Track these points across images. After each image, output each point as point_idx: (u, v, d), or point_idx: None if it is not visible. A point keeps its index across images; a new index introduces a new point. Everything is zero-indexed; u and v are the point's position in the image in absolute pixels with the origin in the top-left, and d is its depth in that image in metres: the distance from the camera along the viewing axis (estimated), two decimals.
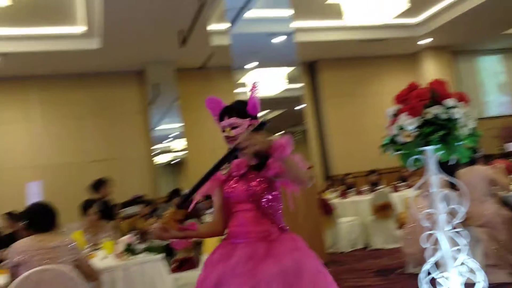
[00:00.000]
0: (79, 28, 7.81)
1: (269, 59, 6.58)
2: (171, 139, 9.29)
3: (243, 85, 6.45)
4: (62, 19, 7.56)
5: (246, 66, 6.46)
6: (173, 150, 9.29)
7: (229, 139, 2.11)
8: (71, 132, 9.15)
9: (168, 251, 4.46)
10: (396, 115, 2.76)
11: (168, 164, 9.29)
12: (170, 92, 9.17)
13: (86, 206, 4.34)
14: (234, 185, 2.10)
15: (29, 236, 2.87)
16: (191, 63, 9.12)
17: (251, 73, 6.50)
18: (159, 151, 9.25)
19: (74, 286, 2.52)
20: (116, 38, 7.66)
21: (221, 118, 2.16)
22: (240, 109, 2.15)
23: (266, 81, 6.71)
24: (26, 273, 2.57)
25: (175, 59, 8.88)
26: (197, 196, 1.98)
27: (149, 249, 3.37)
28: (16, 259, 2.74)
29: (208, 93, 7.67)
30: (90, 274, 2.94)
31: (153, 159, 9.29)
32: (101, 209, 5.40)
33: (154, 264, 3.23)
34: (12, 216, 5.81)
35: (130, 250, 3.23)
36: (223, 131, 2.14)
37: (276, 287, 1.87)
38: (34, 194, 3.78)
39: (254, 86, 2.18)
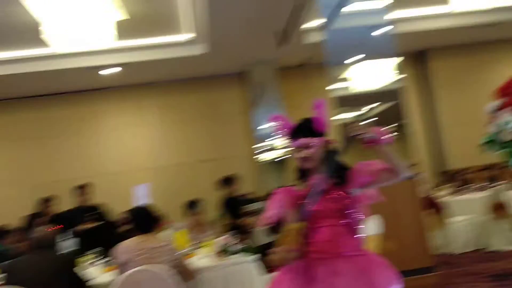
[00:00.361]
0: (187, 36, 8.27)
1: (371, 52, 6.39)
2: (274, 137, 9.43)
3: (344, 80, 6.39)
4: (172, 29, 8.06)
5: (347, 61, 6.36)
6: (276, 149, 9.42)
7: (302, 159, 2.13)
8: (184, 134, 9.74)
9: (264, 252, 4.54)
10: (497, 111, 2.55)
11: (271, 162, 9.44)
12: (272, 92, 9.30)
13: (191, 205, 4.58)
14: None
15: (134, 236, 3.12)
16: (291, 62, 9.16)
17: (353, 67, 6.40)
18: (262, 149, 9.43)
19: (167, 286, 2.69)
20: (220, 43, 7.98)
21: (292, 138, 2.18)
22: (310, 128, 2.16)
23: (369, 75, 6.55)
24: (126, 273, 2.82)
25: (276, 59, 8.99)
26: (272, 213, 2.02)
27: (244, 250, 3.48)
28: (122, 258, 3.01)
29: (309, 91, 7.72)
30: (186, 274, 3.12)
31: (256, 157, 9.51)
32: (229, 204, 5.69)
33: (249, 265, 3.32)
34: None
35: (226, 250, 3.36)
36: (296, 151, 2.15)
37: None
38: (141, 196, 4.10)
39: (319, 103, 2.16)
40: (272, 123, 2.28)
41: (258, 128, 9.44)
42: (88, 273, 3.43)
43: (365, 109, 6.55)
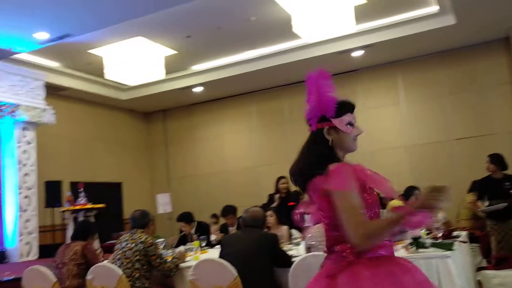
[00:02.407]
0: (432, 8, 7.82)
1: None
2: None
3: None
4: (415, 3, 7.76)
5: None
6: None
7: None
8: (432, 112, 9.25)
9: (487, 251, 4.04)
10: None
11: None
12: None
13: (405, 192, 4.47)
14: None
15: None
16: None
17: None
18: None
19: None
20: (469, 9, 7.27)
21: None
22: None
23: None
24: (301, 256, 3.07)
25: None
26: None
27: (437, 245, 3.26)
28: (308, 242, 3.28)
29: None
30: None
31: None
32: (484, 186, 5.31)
33: (442, 261, 3.11)
34: None
35: (417, 243, 3.22)
36: None
37: None
38: None
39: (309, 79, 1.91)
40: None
41: None
42: (296, 250, 3.84)
43: None
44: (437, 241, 3.38)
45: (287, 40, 8.75)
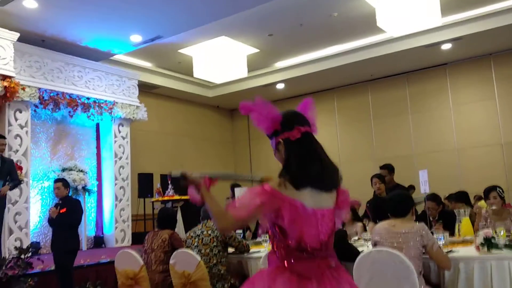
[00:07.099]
0: None
1: None
2: None
3: None
4: None
5: None
6: None
7: None
8: None
9: None
10: None
11: None
12: None
13: (485, 192, 4.27)
14: None
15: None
16: None
17: None
18: None
19: (404, 269, 2.79)
20: None
21: None
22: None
23: None
24: (366, 251, 3.07)
25: None
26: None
27: (511, 246, 3.10)
28: (374, 239, 3.27)
29: None
30: (439, 260, 3.09)
31: None
32: None
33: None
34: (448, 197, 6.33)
35: (488, 244, 3.10)
36: None
37: None
38: (423, 181, 4.08)
39: (245, 106, 1.84)
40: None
41: None
42: (366, 246, 3.84)
43: None
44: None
45: (371, 35, 8.62)
